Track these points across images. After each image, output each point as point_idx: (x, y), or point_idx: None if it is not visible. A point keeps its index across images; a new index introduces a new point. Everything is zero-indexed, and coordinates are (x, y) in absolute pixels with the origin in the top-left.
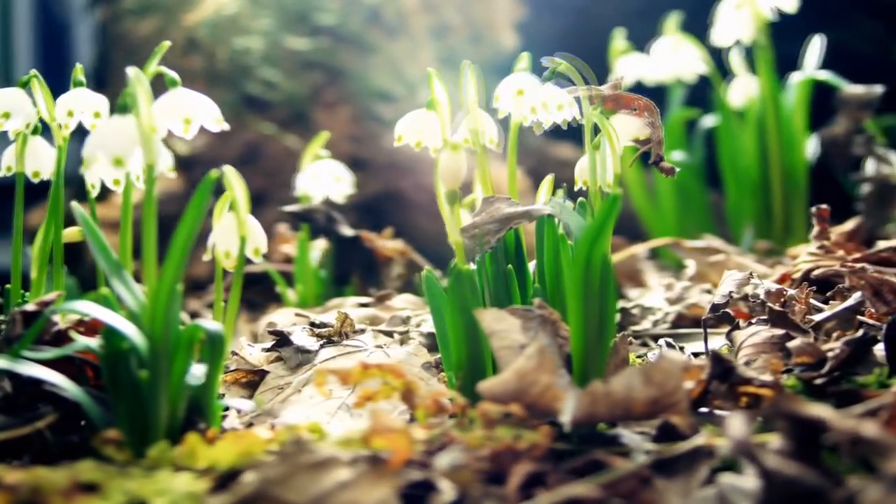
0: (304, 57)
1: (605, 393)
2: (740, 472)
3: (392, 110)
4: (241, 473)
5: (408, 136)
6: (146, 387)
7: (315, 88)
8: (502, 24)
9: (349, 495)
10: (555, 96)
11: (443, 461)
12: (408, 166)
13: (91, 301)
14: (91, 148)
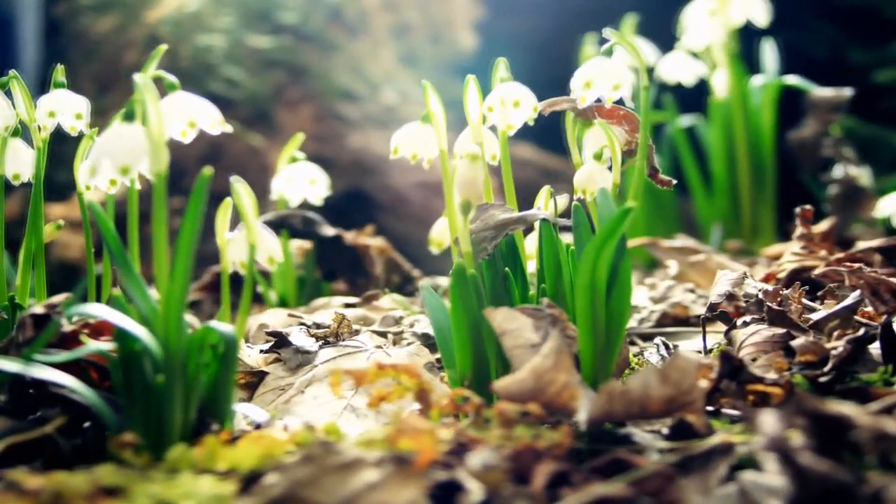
0: (266, 55)
1: (622, 392)
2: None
3: (355, 109)
4: (262, 475)
5: (403, 148)
6: (162, 389)
7: (278, 87)
8: (461, 23)
9: (378, 496)
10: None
11: (474, 461)
12: (372, 166)
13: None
14: (97, 156)
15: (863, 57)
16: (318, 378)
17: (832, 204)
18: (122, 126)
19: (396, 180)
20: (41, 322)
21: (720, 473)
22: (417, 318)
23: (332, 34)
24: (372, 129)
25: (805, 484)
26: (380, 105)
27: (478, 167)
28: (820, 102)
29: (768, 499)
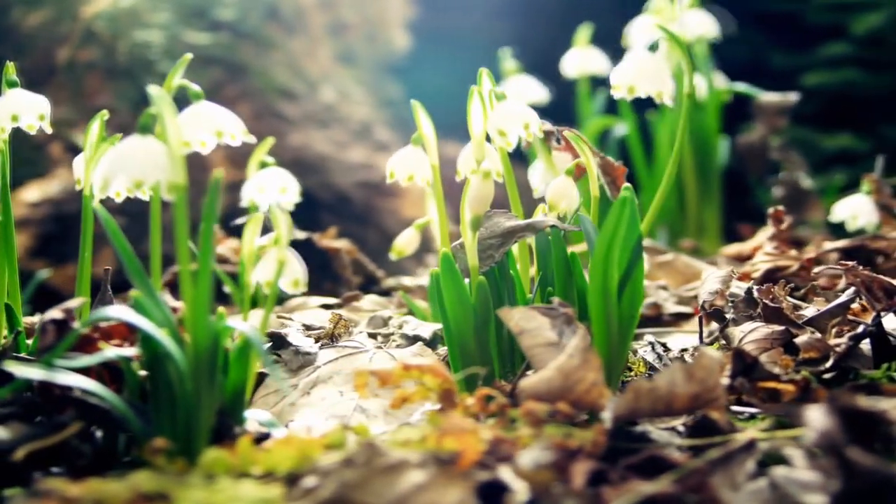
0: (204, 52)
1: (649, 389)
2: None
3: (294, 108)
4: (300, 478)
5: (399, 172)
6: (190, 393)
7: (216, 84)
8: (394, 22)
9: (427, 497)
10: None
11: (525, 459)
12: (313, 165)
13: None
14: (109, 170)
15: (786, 61)
16: (323, 379)
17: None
18: (136, 139)
19: (338, 179)
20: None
21: (748, 469)
22: (406, 320)
23: (270, 32)
24: (312, 127)
25: (853, 478)
26: (319, 104)
27: (490, 184)
28: (767, 107)
29: (802, 493)
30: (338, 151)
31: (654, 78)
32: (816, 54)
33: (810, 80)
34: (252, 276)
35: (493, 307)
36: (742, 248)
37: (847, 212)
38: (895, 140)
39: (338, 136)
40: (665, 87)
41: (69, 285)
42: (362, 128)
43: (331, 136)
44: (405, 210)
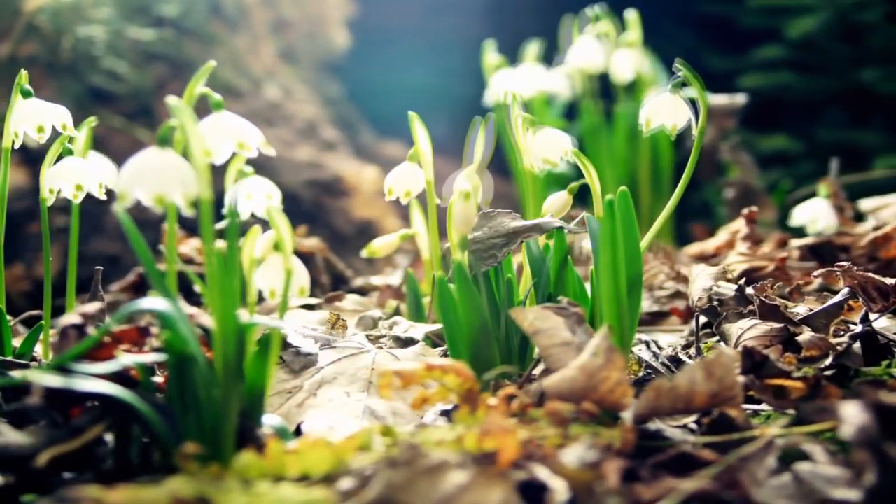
0: (148, 48)
1: (670, 388)
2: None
3: (239, 105)
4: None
5: (397, 188)
6: (220, 396)
7: (160, 81)
8: (334, 20)
9: (470, 497)
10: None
11: (569, 457)
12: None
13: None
14: (128, 184)
15: (722, 63)
16: (328, 380)
17: (729, 206)
18: (155, 152)
19: (286, 178)
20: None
21: (770, 465)
22: (396, 321)
23: (213, 28)
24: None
25: (890, 474)
26: (264, 101)
27: (472, 204)
28: (715, 110)
29: (829, 487)
30: (285, 150)
31: (671, 113)
32: (752, 57)
33: (747, 83)
34: (255, 283)
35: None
36: (704, 247)
37: (806, 216)
38: (828, 142)
39: (284, 135)
40: (680, 121)
41: (16, 286)
42: (308, 126)
43: (277, 134)
44: (356, 210)
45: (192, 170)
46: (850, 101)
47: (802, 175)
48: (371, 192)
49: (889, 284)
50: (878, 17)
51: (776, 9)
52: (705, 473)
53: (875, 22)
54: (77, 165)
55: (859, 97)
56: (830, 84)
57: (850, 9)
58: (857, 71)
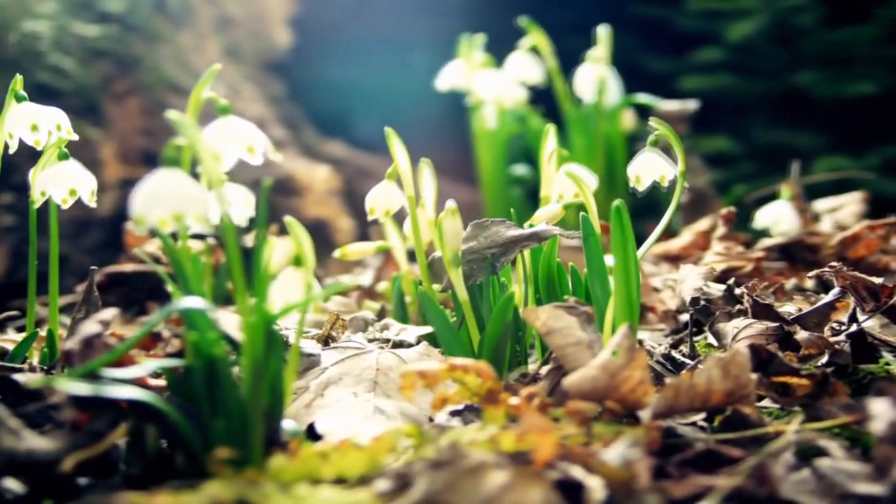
0: (93, 44)
1: (688, 386)
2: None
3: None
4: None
5: (378, 209)
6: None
7: (106, 78)
8: (276, 18)
9: (513, 497)
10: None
11: (611, 455)
12: None
13: None
14: (144, 207)
15: (661, 65)
16: (333, 381)
17: (683, 210)
18: (166, 172)
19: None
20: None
21: (788, 461)
22: (387, 323)
23: (158, 25)
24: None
25: None
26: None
27: (459, 219)
28: (667, 116)
29: (851, 482)
30: None
31: (658, 169)
32: (691, 59)
33: (687, 85)
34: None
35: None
36: (668, 247)
37: (769, 218)
38: (766, 143)
39: None
40: (668, 173)
41: None
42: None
43: None
44: (308, 209)
45: (203, 187)
46: (787, 103)
47: (742, 175)
48: (323, 191)
49: (877, 284)
50: (812, 21)
51: (714, 12)
52: (740, 470)
53: (810, 26)
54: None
55: (796, 100)
56: (768, 87)
57: (787, 13)
58: (794, 74)
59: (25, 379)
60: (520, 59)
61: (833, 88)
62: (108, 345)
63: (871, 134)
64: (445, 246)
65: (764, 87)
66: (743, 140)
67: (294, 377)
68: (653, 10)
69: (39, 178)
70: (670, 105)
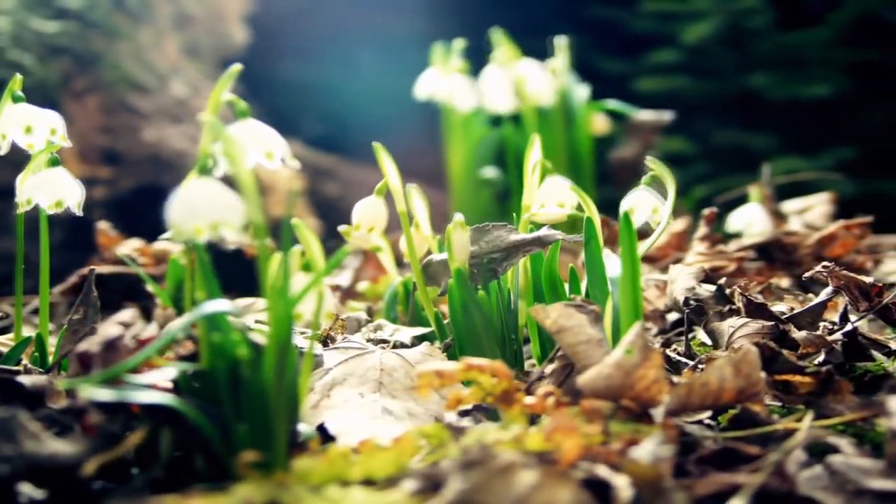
0: (52, 41)
1: (702, 384)
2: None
3: (146, 101)
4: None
5: (364, 224)
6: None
7: (65, 75)
8: (232, 15)
9: (543, 496)
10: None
11: (640, 453)
12: (170, 161)
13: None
14: (181, 218)
15: (615, 67)
16: (338, 381)
17: None
18: (201, 181)
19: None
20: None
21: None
22: (381, 324)
23: (117, 22)
24: (165, 122)
25: None
26: (170, 98)
27: (466, 231)
28: (642, 125)
29: (865, 478)
30: (195, 147)
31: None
32: (646, 61)
33: (643, 86)
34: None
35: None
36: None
37: (742, 221)
38: (721, 144)
39: (193, 132)
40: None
41: None
42: None
43: (186, 131)
44: (272, 208)
45: (238, 196)
46: (742, 105)
47: (698, 176)
48: (286, 190)
49: (868, 283)
50: (765, 23)
51: (669, 14)
52: (763, 467)
53: (763, 28)
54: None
55: (750, 102)
56: (722, 88)
57: (740, 15)
58: (747, 76)
59: (32, 381)
60: (493, 72)
61: (786, 90)
62: (130, 347)
63: (824, 135)
64: (454, 257)
65: (719, 88)
66: (698, 141)
67: (308, 380)
68: (607, 11)
69: (27, 184)
70: (645, 115)
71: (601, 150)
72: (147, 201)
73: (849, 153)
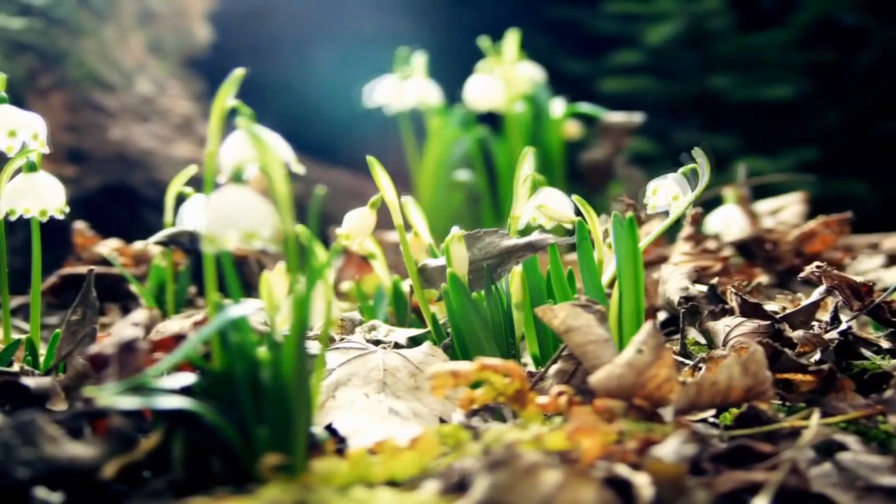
0: (16, 37)
1: (710, 382)
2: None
3: (112, 99)
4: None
5: (355, 234)
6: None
7: (30, 72)
8: (196, 13)
9: (568, 496)
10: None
11: (664, 452)
12: (137, 160)
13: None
14: (218, 226)
15: (578, 67)
16: (343, 382)
17: None
18: (233, 189)
19: (165, 175)
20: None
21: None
22: (374, 325)
23: (82, 18)
24: (132, 120)
25: None
26: (136, 96)
27: (464, 245)
28: (613, 127)
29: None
30: (162, 146)
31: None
32: (610, 62)
33: (607, 87)
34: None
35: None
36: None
37: (720, 223)
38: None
39: (160, 131)
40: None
41: None
42: (184, 122)
43: (152, 130)
44: None
45: (270, 205)
46: (704, 106)
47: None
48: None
49: (859, 283)
50: (726, 25)
51: (631, 15)
52: (781, 465)
53: (724, 30)
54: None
55: (712, 102)
56: (685, 89)
57: (702, 17)
58: (709, 77)
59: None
60: (480, 81)
61: (747, 91)
62: (147, 349)
63: (784, 136)
64: (454, 269)
65: (681, 89)
66: (661, 141)
67: (321, 382)
68: (569, 12)
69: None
70: (616, 117)
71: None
72: (114, 200)
73: (810, 154)
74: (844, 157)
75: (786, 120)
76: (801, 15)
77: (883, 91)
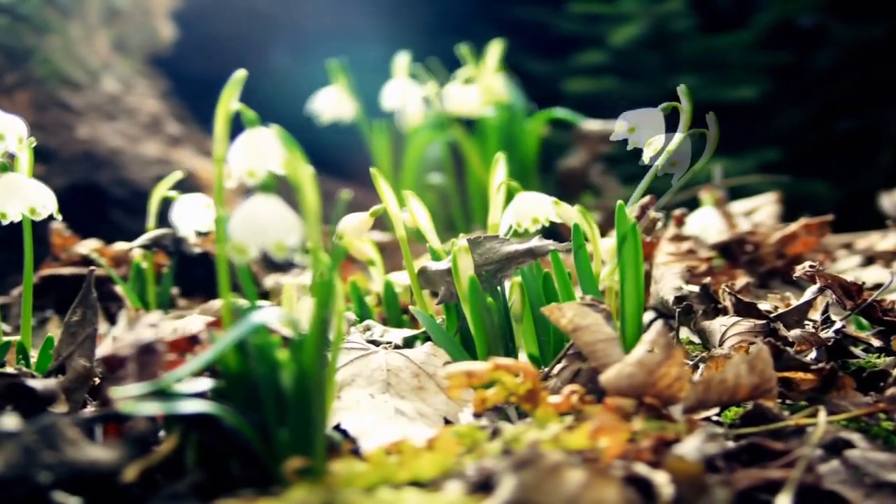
0: None
1: (719, 381)
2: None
3: (78, 98)
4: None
5: (351, 235)
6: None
7: None
8: (160, 11)
9: (592, 495)
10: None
11: (686, 450)
12: (105, 159)
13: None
14: (247, 235)
15: (542, 68)
16: (347, 382)
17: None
18: (263, 199)
19: (134, 174)
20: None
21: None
22: (369, 324)
23: (47, 16)
24: (99, 119)
25: None
26: (103, 94)
27: (470, 257)
28: (589, 135)
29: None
30: (130, 145)
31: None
32: (574, 62)
33: (572, 87)
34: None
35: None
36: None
37: (698, 225)
38: None
39: (128, 130)
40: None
41: None
42: (153, 121)
43: (120, 128)
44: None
45: (297, 215)
46: None
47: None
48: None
49: (850, 283)
50: (689, 26)
51: (595, 16)
52: (799, 462)
53: (687, 31)
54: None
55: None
56: (649, 90)
57: (665, 18)
58: (673, 78)
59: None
60: (457, 90)
61: (711, 93)
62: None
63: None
64: (460, 280)
65: (645, 90)
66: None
67: (333, 384)
68: (533, 12)
69: None
70: (593, 125)
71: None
72: (81, 199)
73: (772, 154)
74: (805, 157)
75: (748, 120)
76: (762, 16)
77: (841, 91)
